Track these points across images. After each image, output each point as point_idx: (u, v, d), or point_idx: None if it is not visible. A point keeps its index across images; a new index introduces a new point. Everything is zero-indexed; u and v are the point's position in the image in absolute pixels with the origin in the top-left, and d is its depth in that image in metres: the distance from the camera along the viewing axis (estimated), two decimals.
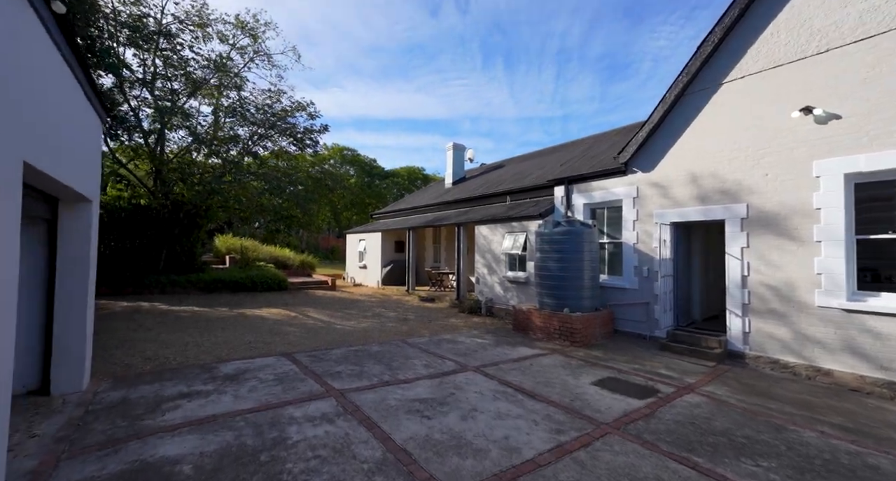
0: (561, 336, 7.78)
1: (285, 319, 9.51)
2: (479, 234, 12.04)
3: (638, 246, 8.21)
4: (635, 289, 8.23)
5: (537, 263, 8.58)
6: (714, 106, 7.00)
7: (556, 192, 10.12)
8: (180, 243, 13.92)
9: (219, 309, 10.49)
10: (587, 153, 12.74)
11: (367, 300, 13.56)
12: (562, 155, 14.74)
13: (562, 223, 8.24)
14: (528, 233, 10.28)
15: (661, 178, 7.81)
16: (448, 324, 9.65)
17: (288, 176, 12.74)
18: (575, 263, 7.98)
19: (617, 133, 13.79)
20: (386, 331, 8.53)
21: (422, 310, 11.70)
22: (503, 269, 11.03)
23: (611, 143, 12.00)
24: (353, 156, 40.45)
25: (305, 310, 10.86)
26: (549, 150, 17.21)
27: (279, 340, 7.30)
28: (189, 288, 13.06)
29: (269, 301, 12.30)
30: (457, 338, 7.93)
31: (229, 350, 6.49)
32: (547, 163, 14.61)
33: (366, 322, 9.58)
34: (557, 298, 8.06)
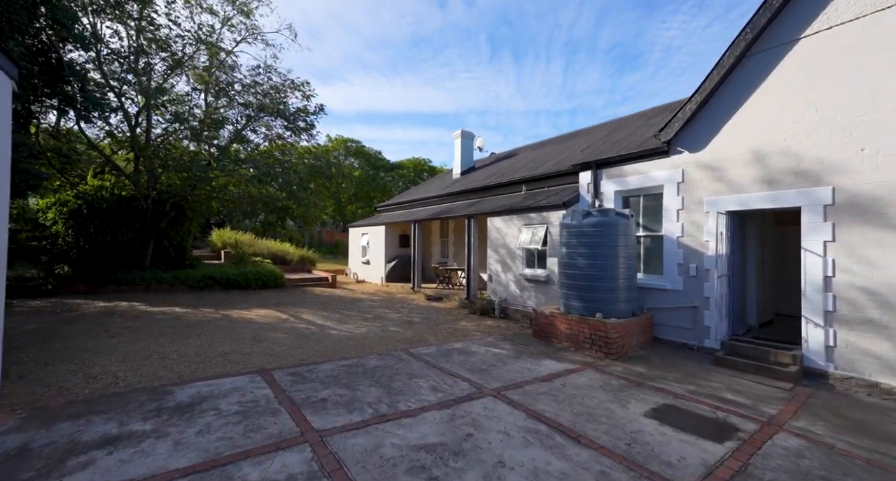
0: (592, 346, 6.60)
1: (275, 322, 8.42)
2: (491, 227, 10.85)
3: (683, 239, 6.96)
4: (679, 291, 7.00)
5: (562, 260, 7.38)
6: (787, 68, 5.70)
7: (582, 179, 8.88)
8: (168, 237, 12.91)
9: (203, 310, 9.44)
10: (609, 138, 11.45)
11: (368, 299, 12.46)
12: (580, 141, 13.46)
13: (593, 213, 7.02)
14: (548, 226, 9.06)
15: (713, 159, 6.54)
16: (458, 329, 8.50)
17: (279, 162, 11.57)
18: (609, 260, 6.77)
19: (639, 116, 12.47)
20: (387, 338, 7.41)
21: (428, 311, 10.57)
22: (519, 266, 9.84)
23: (633, 128, 10.69)
24: (357, 147, 39.26)
25: (299, 312, 9.78)
26: (564, 137, 15.91)
27: (260, 351, 6.20)
28: (177, 285, 12.06)
29: (262, 300, 11.25)
30: (469, 348, 6.78)
31: (197, 365, 5.40)
32: (565, 149, 13.34)
33: (365, 326, 8.46)
34: (587, 301, 6.86)
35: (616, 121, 13.98)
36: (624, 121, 13.24)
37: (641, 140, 8.49)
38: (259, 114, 11.13)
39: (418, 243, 14.52)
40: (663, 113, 10.82)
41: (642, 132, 9.33)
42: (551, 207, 8.95)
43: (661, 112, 11.17)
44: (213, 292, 12.19)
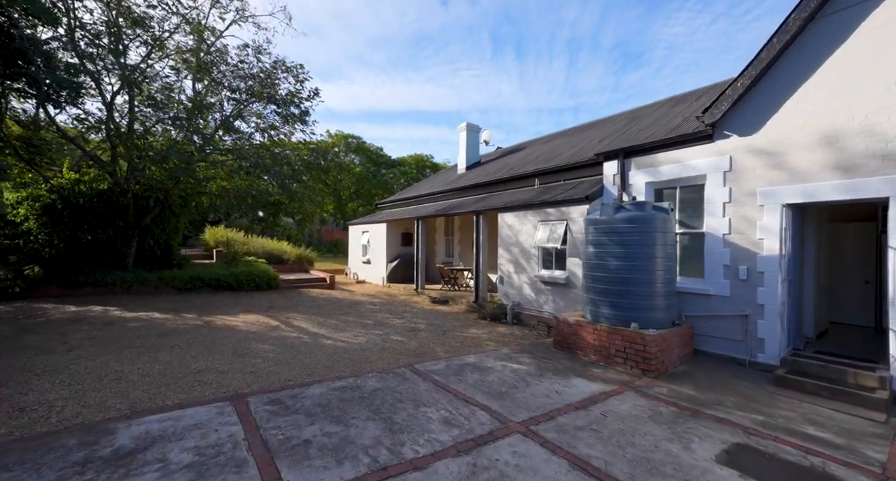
0: (626, 360, 5.67)
1: (262, 330, 7.51)
2: (503, 224, 9.92)
3: (730, 237, 6.02)
4: (724, 297, 6.06)
5: (588, 260, 6.45)
6: (873, 27, 4.75)
7: (607, 170, 7.94)
8: (153, 235, 12.01)
9: (185, 315, 8.53)
10: (628, 128, 10.50)
11: (368, 301, 11.54)
12: (595, 132, 12.51)
13: (626, 206, 6.07)
14: (569, 222, 8.12)
15: (770, 143, 5.59)
16: (468, 338, 7.58)
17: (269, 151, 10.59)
18: (645, 261, 5.83)
19: (660, 105, 11.50)
20: (389, 350, 6.49)
21: (434, 316, 9.65)
22: (535, 267, 8.91)
23: (656, 117, 9.73)
24: (358, 144, 38.32)
25: (291, 317, 8.86)
26: (576, 129, 14.94)
27: (240, 368, 5.29)
28: (162, 287, 11.16)
29: (252, 303, 10.34)
30: (484, 363, 5.85)
31: (158, 389, 4.49)
32: (579, 141, 12.38)
33: (364, 334, 7.54)
34: (620, 308, 5.92)
35: (634, 110, 13.02)
36: (642, 110, 12.28)
37: (670, 127, 7.55)
38: (250, 99, 10.17)
39: (422, 242, 13.60)
40: (688, 100, 9.86)
41: (667, 120, 8.38)
42: (573, 201, 8.01)
43: (686, 99, 10.21)
44: (200, 294, 11.28)
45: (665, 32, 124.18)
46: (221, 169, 9.80)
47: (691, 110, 8.18)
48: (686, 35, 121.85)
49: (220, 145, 9.26)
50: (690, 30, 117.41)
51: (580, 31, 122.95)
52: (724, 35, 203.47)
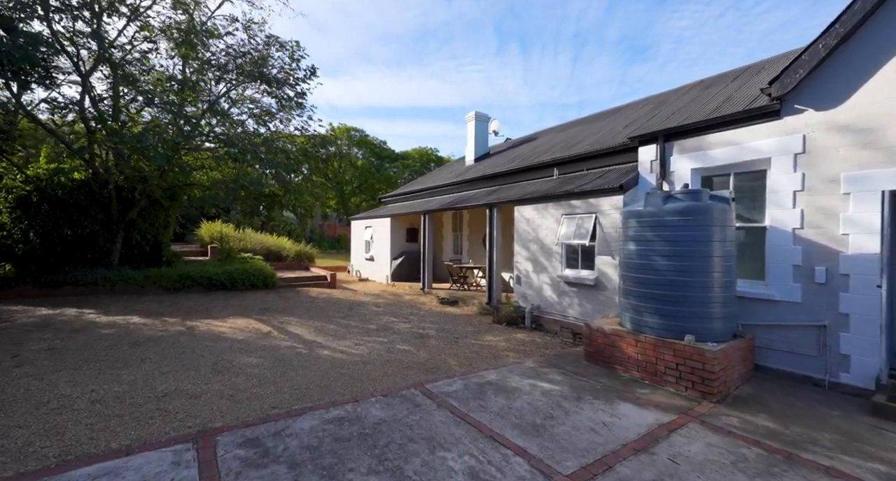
0: (680, 380, 4.73)
1: (251, 338, 6.62)
2: (520, 218, 8.96)
3: (802, 232, 5.04)
4: (794, 303, 5.09)
5: (628, 259, 5.49)
6: None
7: (643, 155, 6.95)
8: (140, 230, 11.14)
9: (168, 319, 7.66)
10: (656, 112, 9.49)
11: (372, 302, 10.65)
12: (617, 118, 11.49)
13: (678, 196, 5.10)
14: (598, 216, 7.16)
15: (859, 117, 4.59)
16: (484, 347, 6.66)
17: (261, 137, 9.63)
18: (701, 260, 4.87)
19: (690, 88, 10.45)
20: (395, 363, 5.59)
21: (443, 319, 8.73)
22: (557, 266, 7.96)
23: (688, 100, 8.69)
24: (361, 137, 37.33)
25: (286, 322, 7.97)
26: (594, 117, 13.88)
27: (216, 390, 4.39)
28: (148, 286, 10.32)
29: (245, 305, 9.46)
30: (508, 381, 4.92)
31: (107, 423, 3.59)
32: (599, 129, 11.37)
33: (366, 342, 6.64)
34: (669, 317, 4.97)
35: (658, 95, 11.96)
36: (668, 95, 11.23)
37: (708, 109, 6.54)
38: (240, 78, 9.19)
39: (429, 237, 12.67)
40: (721, 82, 8.81)
41: (703, 103, 7.37)
42: (604, 192, 7.03)
43: (719, 81, 9.15)
44: (190, 294, 10.43)
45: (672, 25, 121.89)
46: (207, 156, 8.87)
47: (728, 92, 7.17)
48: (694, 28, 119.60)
49: (206, 130, 8.32)
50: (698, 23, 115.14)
51: (585, 25, 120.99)
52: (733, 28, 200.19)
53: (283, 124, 10.73)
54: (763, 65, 8.43)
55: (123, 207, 10.53)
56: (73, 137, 8.89)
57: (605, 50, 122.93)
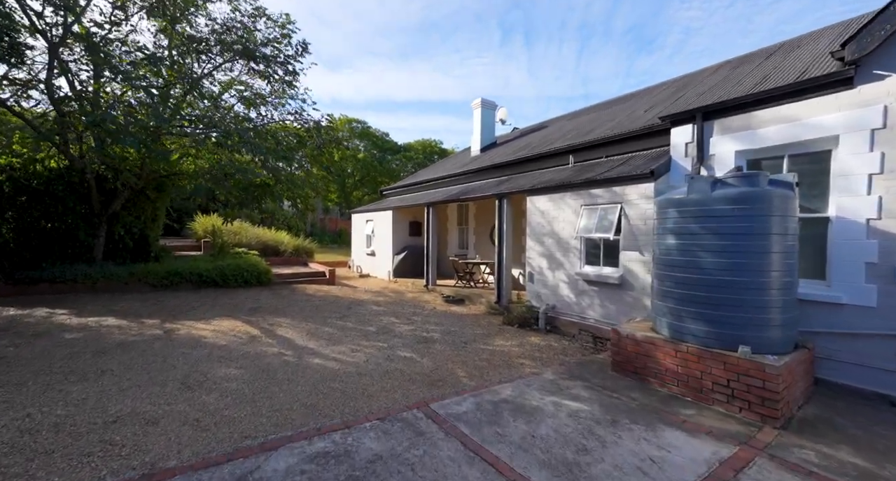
0: (732, 399, 3.97)
1: (235, 343, 5.92)
2: (533, 210, 8.18)
3: (879, 224, 4.24)
4: (866, 307, 4.31)
5: (665, 255, 4.72)
6: None
7: (676, 137, 6.14)
8: (125, 223, 10.45)
9: (146, 321, 6.98)
10: (681, 94, 8.66)
11: (372, 300, 9.93)
12: (636, 103, 10.64)
13: (729, 181, 4.31)
14: (624, 206, 6.37)
15: None
16: (496, 353, 5.93)
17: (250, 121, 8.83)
18: (757, 257, 4.09)
19: (714, 69, 9.57)
20: (395, 374, 4.86)
21: (449, 320, 8.01)
22: (575, 262, 7.19)
23: (716, 81, 7.83)
24: (363, 129, 36.47)
25: (277, 324, 7.27)
26: (609, 103, 13.00)
27: (179, 414, 3.67)
28: (133, 283, 9.64)
29: (235, 304, 8.77)
30: (526, 397, 4.19)
31: (29, 465, 2.87)
32: (617, 113, 10.53)
33: (363, 348, 5.92)
34: (717, 323, 4.21)
35: (681, 78, 11.08)
36: (693, 77, 10.36)
37: (745, 86, 5.70)
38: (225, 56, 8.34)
39: (432, 231, 11.92)
40: (753, 60, 7.93)
41: (735, 82, 6.52)
42: (631, 179, 6.24)
43: (750, 59, 8.26)
44: (178, 292, 9.75)
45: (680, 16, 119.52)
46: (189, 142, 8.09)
47: (765, 70, 6.31)
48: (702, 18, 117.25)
49: (185, 112, 7.51)
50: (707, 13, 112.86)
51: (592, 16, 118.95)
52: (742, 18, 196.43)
53: (277, 110, 9.94)
54: (798, 41, 7.54)
55: (105, 199, 9.83)
56: (41, 120, 8.13)
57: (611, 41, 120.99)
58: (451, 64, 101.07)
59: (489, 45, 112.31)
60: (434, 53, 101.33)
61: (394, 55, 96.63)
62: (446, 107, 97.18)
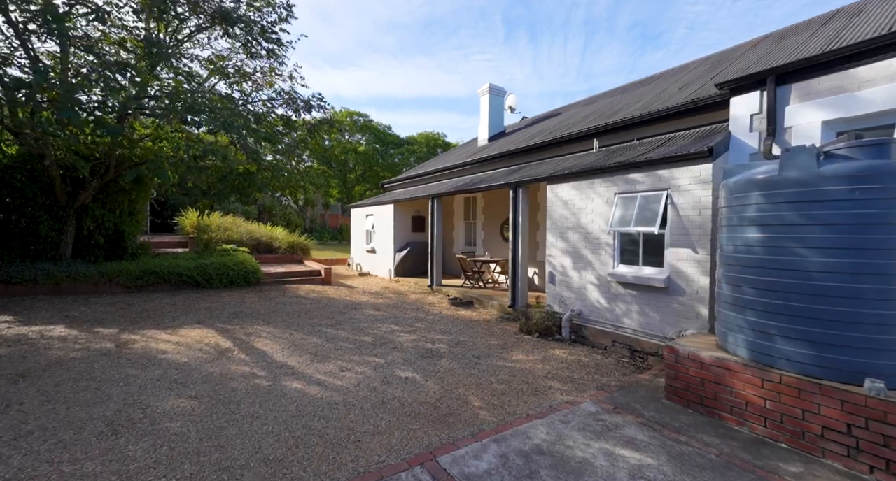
0: (856, 451, 2.88)
1: (197, 362, 4.86)
2: (554, 201, 7.07)
3: None
4: None
5: (745, 254, 3.61)
6: None
7: (738, 109, 5.02)
8: (96, 217, 9.42)
9: (101, 330, 5.94)
10: (716, 70, 7.55)
11: (371, 303, 8.87)
12: (664, 83, 9.49)
13: (840, 152, 3.19)
14: (671, 193, 5.25)
15: None
16: (516, 371, 4.85)
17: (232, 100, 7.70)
18: (888, 255, 2.98)
19: (752, 44, 8.46)
20: (391, 406, 3.79)
21: (457, 327, 6.93)
22: (608, 261, 6.08)
23: (759, 56, 6.68)
24: (364, 122, 35.36)
25: (256, 333, 6.21)
26: (628, 87, 11.81)
27: (85, 476, 2.62)
28: (103, 284, 8.63)
29: (214, 308, 7.73)
30: (566, 443, 3.11)
31: None
32: (643, 95, 9.39)
33: (355, 367, 4.85)
34: (828, 346, 3.10)
35: (715, 55, 9.90)
36: (728, 53, 9.22)
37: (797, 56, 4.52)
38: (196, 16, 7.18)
39: (437, 226, 10.83)
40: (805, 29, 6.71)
41: (778, 54, 5.33)
42: (681, 160, 5.11)
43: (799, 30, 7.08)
44: (153, 294, 8.73)
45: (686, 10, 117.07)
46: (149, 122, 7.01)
47: (826, 36, 5.08)
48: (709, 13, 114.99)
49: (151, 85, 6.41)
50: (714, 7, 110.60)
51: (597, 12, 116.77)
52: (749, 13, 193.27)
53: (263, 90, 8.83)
54: (854, 8, 6.26)
55: (72, 190, 8.80)
56: None
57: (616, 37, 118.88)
58: (455, 60, 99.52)
59: (493, 42, 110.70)
60: (437, 50, 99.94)
61: (397, 52, 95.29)
62: (449, 104, 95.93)
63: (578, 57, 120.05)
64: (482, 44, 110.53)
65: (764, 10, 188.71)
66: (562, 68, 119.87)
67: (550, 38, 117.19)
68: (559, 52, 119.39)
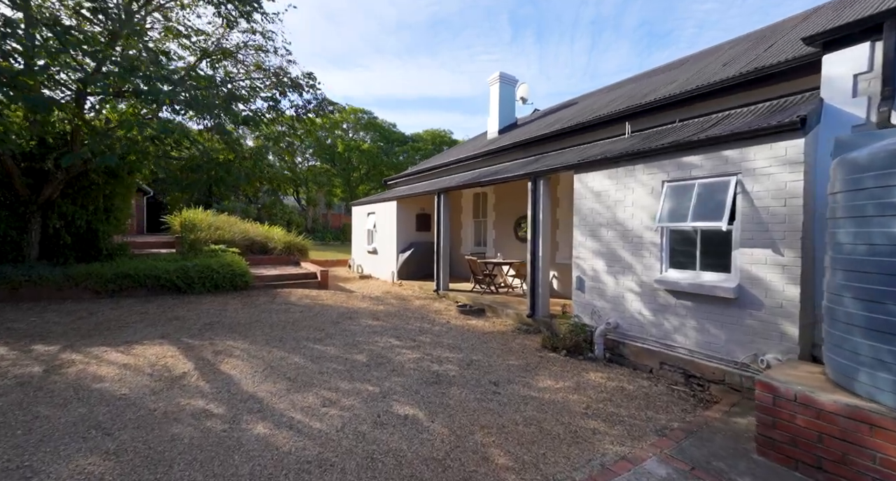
0: None
1: (137, 394, 3.83)
2: (582, 192, 5.97)
3: None
4: None
5: (888, 256, 2.49)
6: None
7: (834, 68, 3.91)
8: (65, 214, 8.48)
9: (38, 348, 4.95)
10: (768, 43, 6.43)
11: (369, 311, 7.83)
12: (696, 65, 8.37)
13: None
14: (741, 179, 4.13)
15: None
16: (546, 405, 3.75)
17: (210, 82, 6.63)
18: None
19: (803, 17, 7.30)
20: (382, 469, 2.72)
21: (468, 341, 5.85)
22: (653, 264, 4.97)
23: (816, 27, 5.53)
24: (369, 120, 34.42)
25: (228, 350, 5.18)
26: (656, 71, 10.61)
27: None
28: (69, 288, 7.69)
29: (189, 317, 6.73)
30: None
31: None
32: (679, 75, 8.25)
33: (341, 399, 3.79)
34: None
35: (757, 32, 8.69)
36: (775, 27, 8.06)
37: None
38: None
39: (444, 224, 9.77)
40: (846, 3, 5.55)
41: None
42: (758, 134, 3.99)
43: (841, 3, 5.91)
44: (125, 300, 7.77)
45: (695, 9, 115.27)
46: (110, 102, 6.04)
47: None
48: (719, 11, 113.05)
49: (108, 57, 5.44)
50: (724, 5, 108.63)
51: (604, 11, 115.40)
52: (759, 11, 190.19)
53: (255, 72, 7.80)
54: None
55: (35, 183, 7.86)
56: None
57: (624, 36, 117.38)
58: (460, 60, 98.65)
59: (499, 42, 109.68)
60: (443, 50, 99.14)
61: (402, 52, 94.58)
62: (454, 104, 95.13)
63: (585, 56, 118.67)
64: (487, 44, 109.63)
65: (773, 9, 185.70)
66: (568, 68, 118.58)
67: (558, 37, 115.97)
68: (566, 52, 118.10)
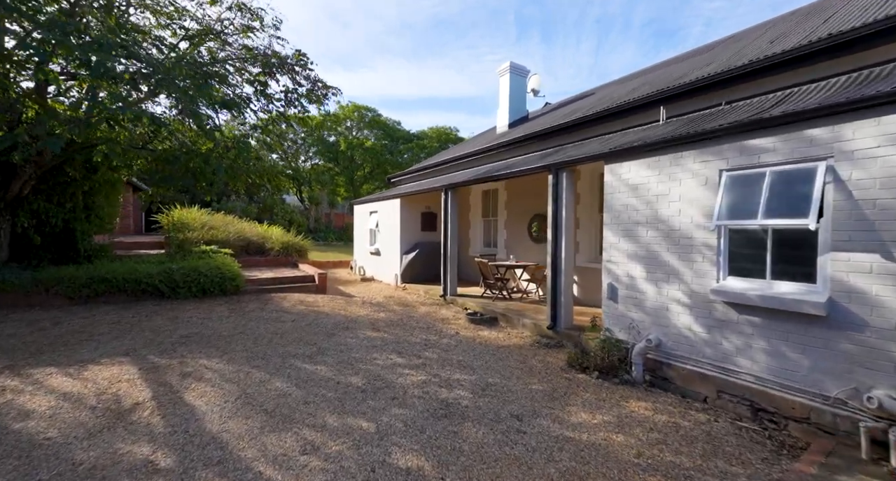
0: None
1: (65, 437, 3.04)
2: (615, 186, 5.11)
3: None
4: None
5: None
6: None
7: None
8: (37, 212, 7.76)
9: None
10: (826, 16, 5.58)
11: (369, 320, 7.01)
12: (734, 46, 7.47)
13: None
14: (833, 165, 3.26)
15: None
16: (586, 452, 2.90)
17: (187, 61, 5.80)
18: None
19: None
20: None
21: (482, 359, 5.01)
22: (707, 271, 4.10)
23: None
24: (373, 117, 33.65)
25: (198, 371, 4.39)
26: (687, 55, 9.70)
27: None
28: (38, 294, 6.96)
29: (165, 327, 5.96)
30: None
31: None
32: (715, 57, 7.39)
33: (328, 442, 2.98)
34: None
35: (803, 9, 7.76)
36: (822, 4, 7.16)
37: None
38: None
39: (451, 223, 8.94)
40: None
41: None
42: (867, 105, 3.11)
43: None
44: (99, 307, 7.02)
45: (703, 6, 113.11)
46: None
47: None
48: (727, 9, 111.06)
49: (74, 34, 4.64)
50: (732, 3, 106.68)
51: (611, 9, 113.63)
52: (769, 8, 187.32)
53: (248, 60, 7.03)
54: None
55: (2, 178, 7.14)
56: None
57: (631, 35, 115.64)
58: (465, 60, 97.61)
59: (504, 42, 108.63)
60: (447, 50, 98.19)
61: (406, 52, 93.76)
62: (458, 104, 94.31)
63: (592, 56, 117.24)
64: (492, 44, 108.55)
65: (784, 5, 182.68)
66: (574, 68, 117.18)
67: (563, 37, 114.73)
68: (572, 52, 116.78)
